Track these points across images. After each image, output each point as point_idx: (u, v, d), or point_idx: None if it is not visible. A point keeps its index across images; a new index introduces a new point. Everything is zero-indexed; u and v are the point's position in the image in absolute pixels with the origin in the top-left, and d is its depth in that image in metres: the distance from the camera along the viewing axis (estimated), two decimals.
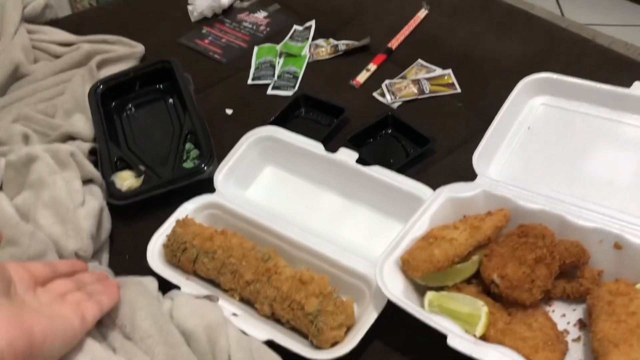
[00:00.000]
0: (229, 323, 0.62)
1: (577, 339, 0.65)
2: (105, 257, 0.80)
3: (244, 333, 0.65)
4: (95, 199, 0.81)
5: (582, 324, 0.66)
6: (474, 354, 0.59)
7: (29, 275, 0.55)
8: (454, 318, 0.63)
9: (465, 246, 0.68)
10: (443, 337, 0.61)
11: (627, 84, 0.80)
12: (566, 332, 0.66)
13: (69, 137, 0.92)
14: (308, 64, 1.09)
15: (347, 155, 0.82)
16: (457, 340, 0.60)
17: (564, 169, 0.78)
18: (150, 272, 0.75)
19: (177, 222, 0.77)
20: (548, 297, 0.69)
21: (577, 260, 0.67)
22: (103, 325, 0.58)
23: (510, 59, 1.04)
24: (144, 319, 0.58)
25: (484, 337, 0.63)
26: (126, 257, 0.81)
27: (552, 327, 0.64)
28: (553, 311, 0.68)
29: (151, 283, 0.69)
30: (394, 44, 1.10)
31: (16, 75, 1.06)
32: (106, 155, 0.89)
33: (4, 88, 1.05)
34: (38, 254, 0.68)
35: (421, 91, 0.99)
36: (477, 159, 0.78)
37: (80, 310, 0.55)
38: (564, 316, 0.68)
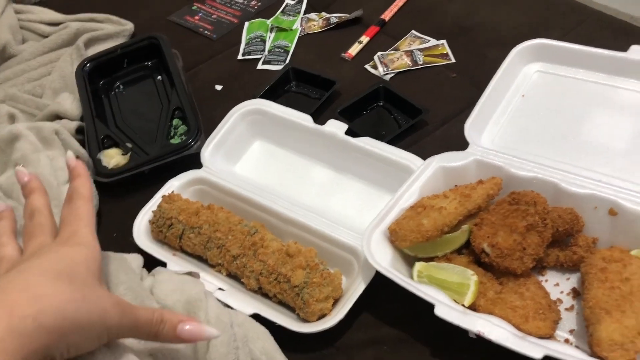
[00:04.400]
0: (210, 298, 0.60)
1: (570, 308, 0.63)
2: None
3: (230, 307, 0.64)
4: None
5: (575, 293, 0.64)
6: (461, 324, 0.57)
7: None
8: (443, 288, 0.61)
9: (454, 215, 0.66)
10: (432, 308, 0.59)
11: (626, 49, 0.78)
12: (559, 301, 0.64)
13: (56, 117, 0.91)
14: (299, 37, 1.07)
15: (336, 127, 0.80)
16: (445, 309, 0.58)
17: (558, 136, 0.75)
18: (137, 249, 0.74)
19: (163, 197, 0.76)
20: (541, 266, 0.67)
21: (570, 228, 0.65)
22: None
23: (506, 28, 1.01)
24: (124, 294, 0.56)
25: (474, 307, 0.61)
26: (114, 235, 0.80)
27: (544, 296, 0.62)
28: (546, 280, 0.66)
29: (135, 259, 0.68)
30: (387, 15, 1.07)
31: (4, 56, 1.05)
32: (93, 134, 0.88)
33: None
34: (21, 228, 0.67)
35: (414, 62, 0.97)
36: (469, 128, 0.76)
37: None
38: (558, 285, 0.66)
